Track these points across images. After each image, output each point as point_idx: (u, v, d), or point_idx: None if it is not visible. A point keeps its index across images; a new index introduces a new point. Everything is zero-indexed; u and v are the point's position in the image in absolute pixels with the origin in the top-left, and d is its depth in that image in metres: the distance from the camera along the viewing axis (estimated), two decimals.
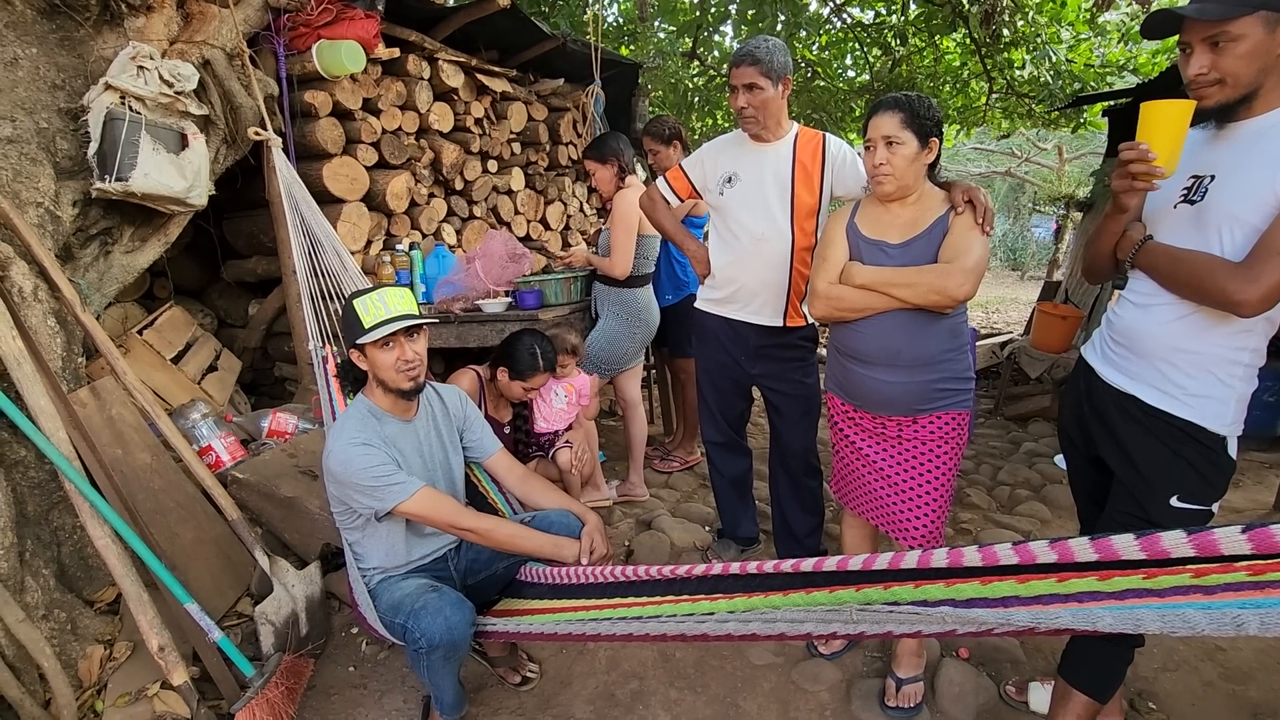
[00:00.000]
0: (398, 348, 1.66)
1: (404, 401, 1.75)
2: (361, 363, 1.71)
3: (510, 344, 2.42)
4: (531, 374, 2.37)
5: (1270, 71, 1.22)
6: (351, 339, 1.68)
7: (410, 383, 1.69)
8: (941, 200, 1.66)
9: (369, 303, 1.65)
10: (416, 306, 1.72)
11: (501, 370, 2.41)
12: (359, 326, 1.64)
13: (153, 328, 2.80)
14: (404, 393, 1.71)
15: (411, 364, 1.68)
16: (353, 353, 1.71)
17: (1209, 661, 2.02)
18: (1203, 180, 1.30)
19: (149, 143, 2.20)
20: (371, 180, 3.04)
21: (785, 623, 1.14)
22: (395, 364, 1.66)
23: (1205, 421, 1.31)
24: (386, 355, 1.66)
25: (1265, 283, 1.16)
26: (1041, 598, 0.87)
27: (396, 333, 1.64)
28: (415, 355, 1.69)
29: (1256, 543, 0.69)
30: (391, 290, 1.70)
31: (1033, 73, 6.07)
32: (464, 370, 2.50)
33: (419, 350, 1.71)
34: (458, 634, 1.56)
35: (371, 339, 1.62)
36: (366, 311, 1.64)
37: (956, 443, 1.71)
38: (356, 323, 1.64)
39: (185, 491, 2.18)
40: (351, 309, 1.66)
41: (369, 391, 1.76)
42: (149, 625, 1.75)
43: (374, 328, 1.62)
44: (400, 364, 1.66)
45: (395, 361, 1.66)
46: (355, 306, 1.66)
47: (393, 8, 2.96)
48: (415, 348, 1.69)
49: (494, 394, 2.50)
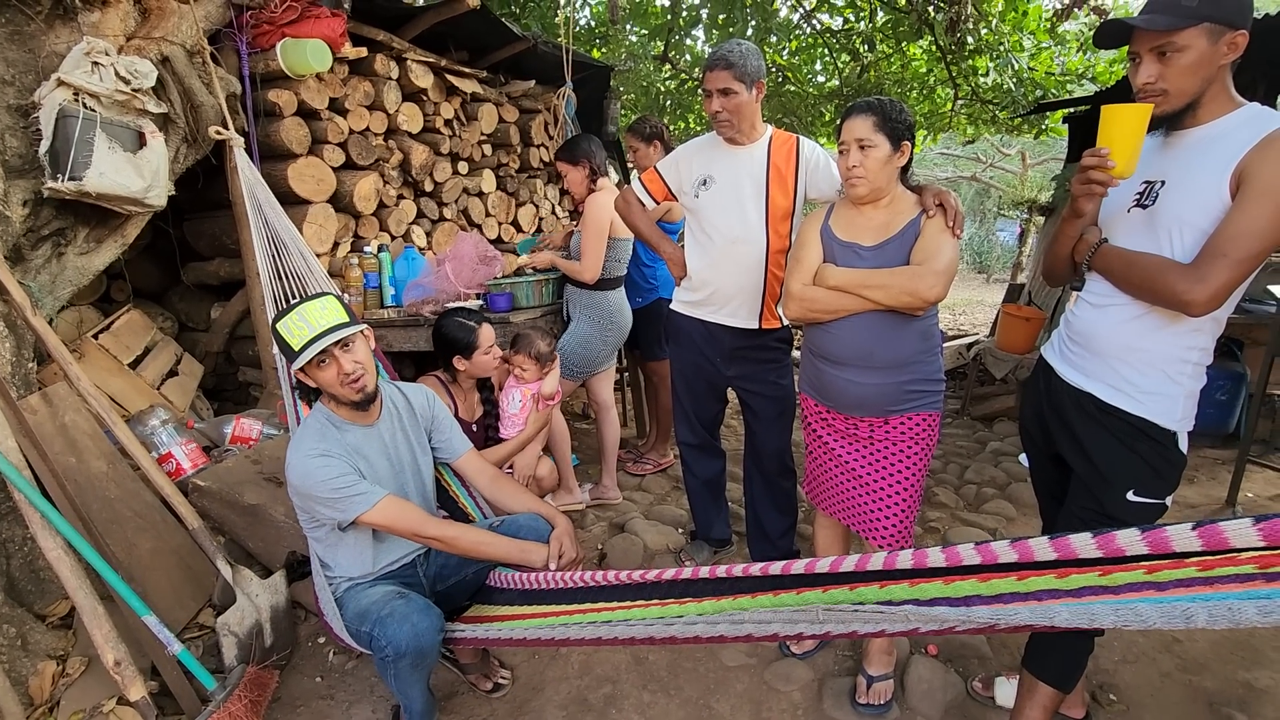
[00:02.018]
0: (333, 363, 1.60)
1: (361, 409, 1.72)
2: (309, 381, 1.66)
3: (438, 335, 2.34)
4: (475, 340, 2.29)
5: (1214, 81, 1.27)
6: (289, 361, 1.63)
7: (358, 394, 1.64)
8: (913, 203, 1.69)
9: (290, 325, 1.59)
10: (344, 313, 1.65)
11: (456, 360, 2.33)
12: (290, 350, 1.58)
13: (109, 332, 2.71)
14: (355, 404, 1.67)
15: (353, 375, 1.62)
16: (298, 374, 1.66)
17: (1166, 653, 2.09)
18: (1154, 185, 1.35)
19: (104, 141, 2.13)
20: (338, 181, 2.98)
21: (752, 624, 1.15)
22: (338, 378, 1.61)
23: (1156, 418, 1.36)
24: (325, 373, 1.61)
25: (1212, 284, 1.21)
26: (1002, 596, 0.89)
27: (328, 348, 1.58)
28: (355, 365, 1.63)
29: (1206, 539, 0.72)
30: (310, 305, 1.62)
31: (996, 80, 6.22)
32: (425, 379, 2.44)
33: (359, 359, 1.64)
34: (425, 641, 1.54)
35: (304, 360, 1.57)
36: (291, 334, 1.58)
37: (927, 444, 1.74)
38: (286, 347, 1.59)
39: (143, 500, 2.11)
40: (277, 333, 1.61)
41: (326, 400, 1.72)
42: (104, 639, 1.69)
43: (302, 349, 1.56)
44: (341, 378, 1.61)
45: (337, 376, 1.61)
46: (279, 331, 1.60)
47: (360, 6, 2.92)
48: (353, 358, 1.63)
49: (460, 393, 2.45)
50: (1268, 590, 0.69)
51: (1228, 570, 0.71)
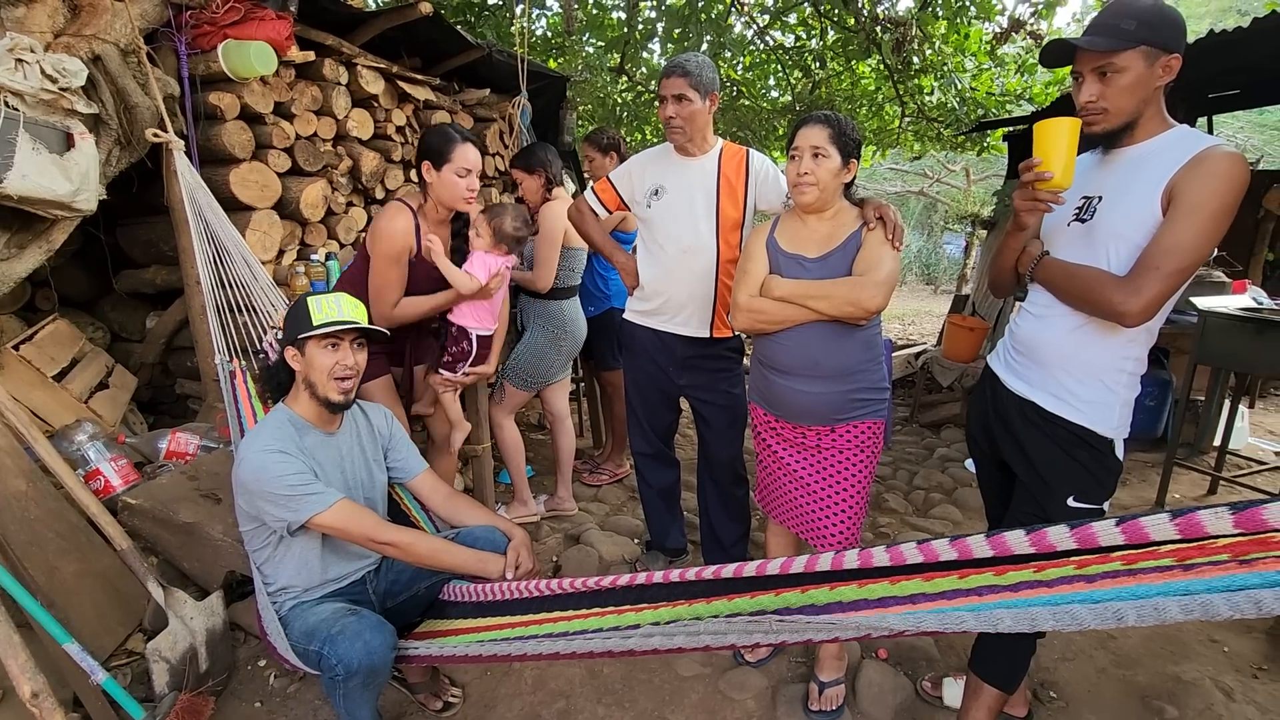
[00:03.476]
0: (341, 350, 1.64)
1: (329, 413, 1.69)
2: (295, 362, 1.66)
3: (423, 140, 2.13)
4: (451, 151, 2.05)
5: (1150, 102, 1.34)
6: (295, 333, 1.63)
7: (341, 395, 1.65)
8: (855, 216, 1.73)
9: (323, 302, 1.65)
10: (369, 320, 1.72)
11: (425, 168, 2.08)
12: (306, 321, 1.60)
13: (32, 342, 2.56)
14: (331, 404, 1.65)
15: (348, 373, 1.65)
16: (289, 350, 1.66)
17: (1101, 649, 2.17)
18: (1092, 200, 1.41)
19: (28, 141, 2.02)
20: (285, 187, 2.90)
21: (709, 634, 1.16)
22: (333, 368, 1.62)
23: (1095, 425, 1.41)
24: (326, 357, 1.62)
25: (1145, 296, 1.27)
26: (946, 593, 0.91)
27: (344, 334, 1.62)
28: (354, 364, 1.66)
29: (1129, 534, 0.75)
30: (348, 298, 1.70)
31: (941, 99, 6.47)
32: (392, 207, 2.12)
33: (360, 362, 1.68)
34: (378, 658, 1.49)
35: (318, 333, 1.59)
36: (319, 309, 1.63)
37: (872, 451, 1.78)
38: (305, 317, 1.62)
39: (67, 520, 2.00)
40: (303, 305, 1.64)
41: (292, 400, 1.69)
42: (20, 670, 1.57)
43: (323, 323, 1.60)
44: (338, 368, 1.63)
45: (334, 365, 1.62)
46: (308, 303, 1.64)
47: (307, 10, 2.85)
48: (358, 358, 1.68)
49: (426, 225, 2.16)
50: (1185, 581, 0.72)
51: (1150, 564, 0.75)
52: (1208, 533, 0.71)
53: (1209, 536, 0.71)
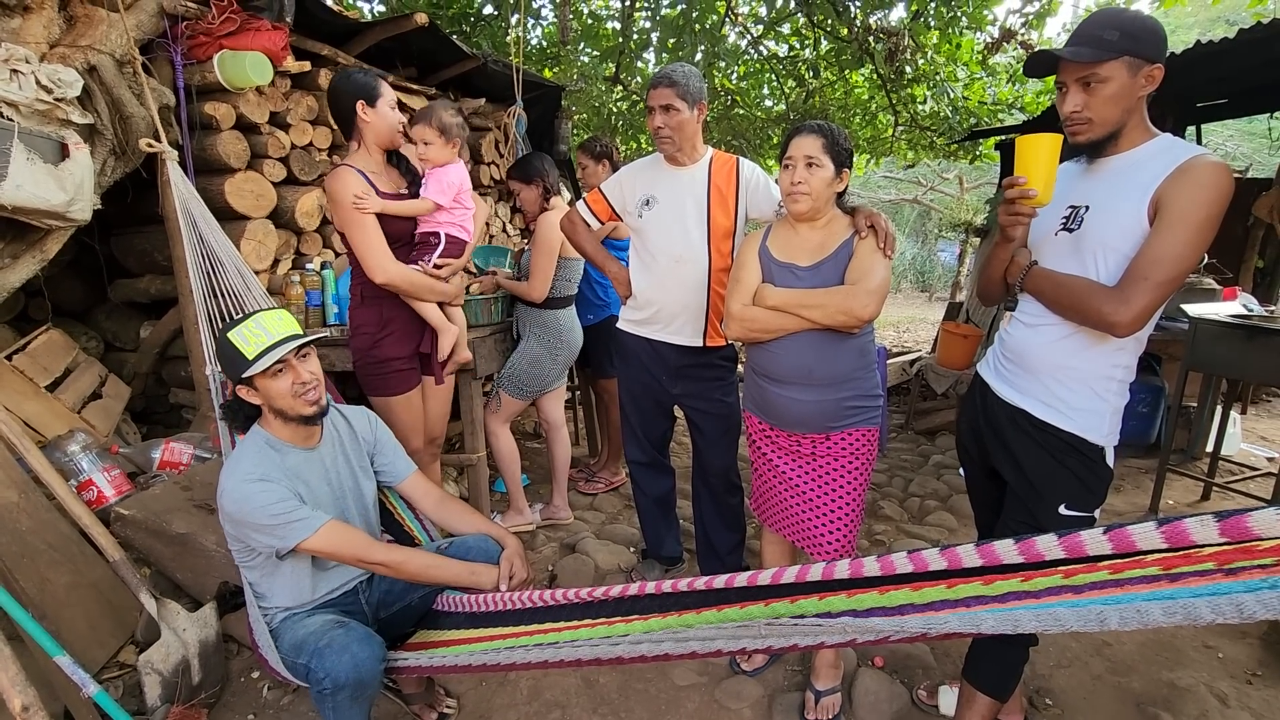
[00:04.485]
0: (290, 371, 1.57)
1: (306, 428, 1.66)
2: (253, 397, 1.60)
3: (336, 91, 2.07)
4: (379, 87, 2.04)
5: (1133, 112, 1.35)
6: (237, 374, 1.56)
7: (312, 406, 1.61)
8: (847, 225, 1.74)
9: (245, 333, 1.55)
10: (298, 325, 1.63)
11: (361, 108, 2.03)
12: (241, 360, 1.53)
13: (25, 352, 2.56)
14: (306, 418, 1.62)
15: (309, 385, 1.59)
16: (240, 389, 1.60)
17: (1097, 656, 2.17)
18: (1079, 210, 1.42)
19: (22, 151, 2.02)
20: (280, 197, 2.90)
21: (697, 641, 1.16)
22: (291, 389, 1.57)
23: (1085, 433, 1.42)
24: (279, 383, 1.56)
25: (1135, 306, 1.28)
26: (934, 604, 0.91)
27: (285, 356, 1.55)
28: (311, 375, 1.60)
29: (1116, 543, 0.75)
30: (267, 314, 1.60)
31: (933, 108, 6.52)
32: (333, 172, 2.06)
33: (314, 370, 1.62)
34: (365, 672, 1.48)
35: (260, 369, 1.52)
36: (246, 342, 1.54)
37: (866, 459, 1.78)
38: (237, 356, 1.53)
39: (59, 532, 1.99)
40: (228, 343, 1.55)
41: (265, 423, 1.65)
42: (10, 683, 1.56)
43: (258, 357, 1.52)
44: (297, 387, 1.57)
45: (291, 386, 1.57)
46: (231, 340, 1.55)
47: (303, 20, 2.87)
48: (309, 368, 1.61)
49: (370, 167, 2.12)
50: (1170, 590, 0.73)
51: (1136, 573, 0.75)
52: (1193, 541, 0.72)
53: (1195, 545, 0.72)
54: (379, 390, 2.24)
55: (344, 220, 2.06)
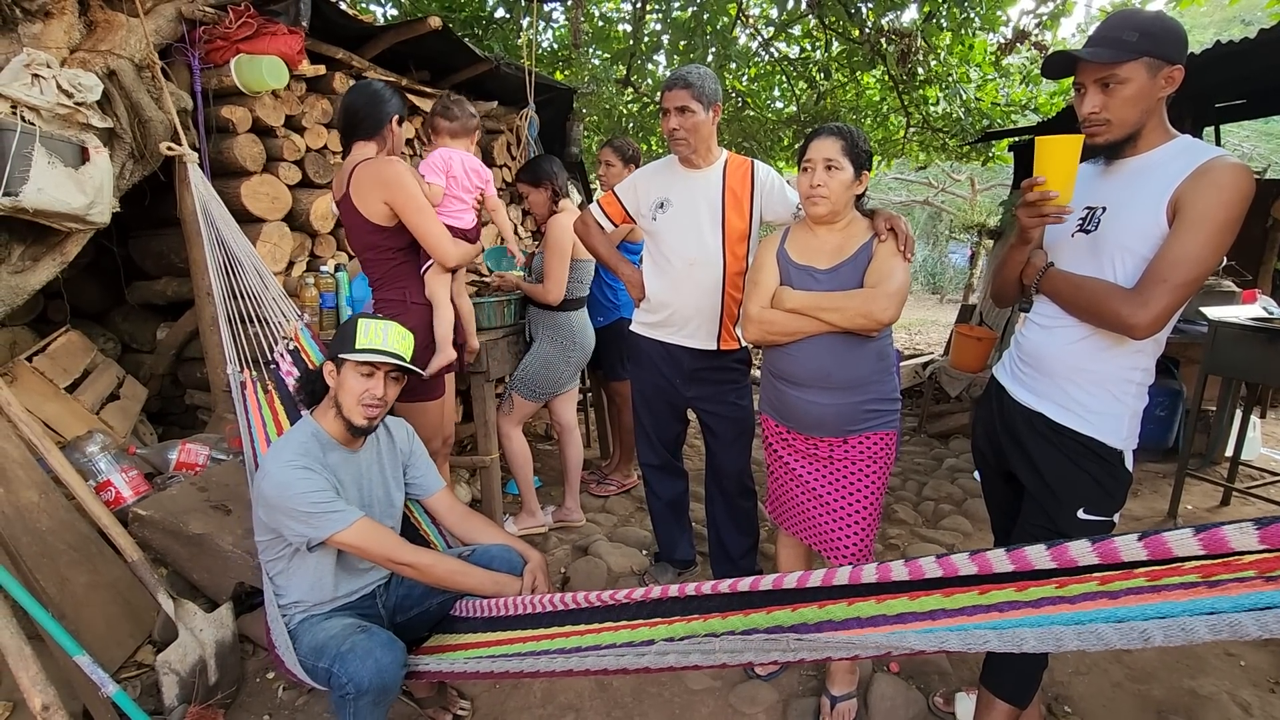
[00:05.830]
0: (374, 380, 1.66)
1: (352, 435, 1.71)
2: (331, 379, 1.69)
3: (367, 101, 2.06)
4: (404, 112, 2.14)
5: (1152, 113, 1.34)
6: (338, 350, 1.67)
7: (365, 420, 1.67)
8: (866, 227, 1.73)
9: (372, 327, 1.66)
10: (410, 353, 1.73)
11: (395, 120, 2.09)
12: (350, 341, 1.64)
13: (45, 354, 2.58)
14: (355, 427, 1.67)
15: (375, 403, 1.66)
16: (328, 365, 1.70)
17: (1117, 663, 2.14)
18: (1096, 211, 1.41)
19: (44, 155, 2.05)
20: (295, 199, 2.92)
21: (725, 653, 1.14)
22: (362, 395, 1.64)
23: (1104, 437, 1.40)
24: (359, 382, 1.64)
25: (1154, 309, 1.26)
26: (965, 609, 0.90)
27: (380, 364, 1.64)
28: (383, 398, 1.68)
29: (1151, 550, 0.74)
30: (398, 328, 1.72)
31: (946, 109, 6.48)
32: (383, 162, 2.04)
33: (389, 395, 1.70)
34: (388, 677, 1.48)
35: (356, 357, 1.62)
36: (365, 333, 1.65)
37: (885, 462, 1.77)
38: (350, 337, 1.64)
39: (78, 532, 2.00)
40: (353, 324, 1.66)
41: (320, 415, 1.71)
42: (31, 682, 1.58)
43: (365, 349, 1.62)
44: (367, 396, 1.64)
45: (363, 393, 1.64)
46: (357, 323, 1.66)
47: (318, 24, 2.89)
48: (388, 390, 1.69)
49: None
50: (1212, 599, 0.71)
51: (1174, 580, 0.74)
52: (1232, 549, 0.70)
53: (1234, 553, 0.70)
54: (423, 395, 2.22)
55: (415, 208, 2.01)
